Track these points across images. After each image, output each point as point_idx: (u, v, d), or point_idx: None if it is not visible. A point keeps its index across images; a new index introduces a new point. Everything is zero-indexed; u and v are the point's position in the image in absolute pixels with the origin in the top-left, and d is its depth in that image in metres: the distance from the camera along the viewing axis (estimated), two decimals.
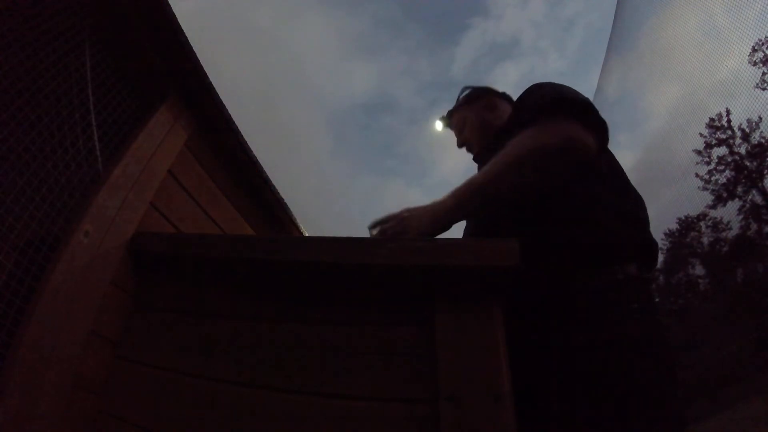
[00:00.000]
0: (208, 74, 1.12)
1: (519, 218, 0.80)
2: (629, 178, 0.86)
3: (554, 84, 0.89)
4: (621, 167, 0.87)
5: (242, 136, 1.29)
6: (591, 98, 0.87)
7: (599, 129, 0.78)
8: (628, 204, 0.79)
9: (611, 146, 0.87)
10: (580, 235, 0.73)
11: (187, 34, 1.02)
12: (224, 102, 1.19)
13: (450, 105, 1.20)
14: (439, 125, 1.25)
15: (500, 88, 1.19)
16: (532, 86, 0.92)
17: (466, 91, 1.17)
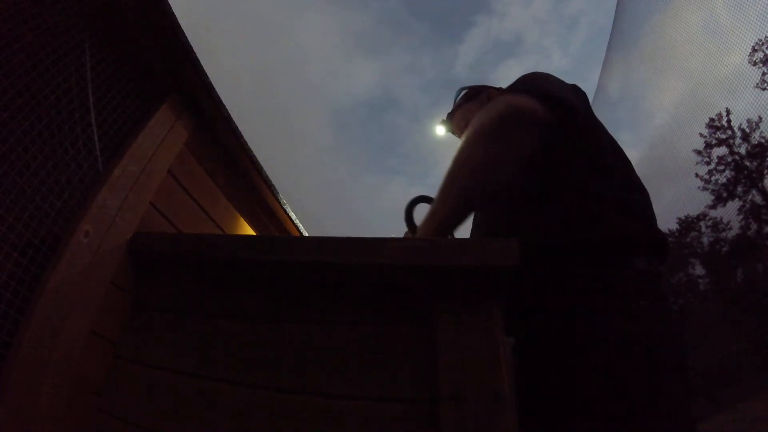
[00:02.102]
0: (207, 73, 1.12)
1: (517, 216, 0.79)
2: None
3: (537, 74, 0.87)
4: (628, 162, 0.84)
5: (242, 135, 1.29)
6: (592, 96, 0.85)
7: (552, 100, 0.71)
8: (632, 198, 0.76)
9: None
10: (578, 229, 0.71)
11: (186, 25, 1.02)
12: (224, 97, 1.19)
13: (452, 104, 1.19)
14: (440, 130, 1.22)
15: (503, 87, 1.17)
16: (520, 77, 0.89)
17: (464, 91, 1.16)
